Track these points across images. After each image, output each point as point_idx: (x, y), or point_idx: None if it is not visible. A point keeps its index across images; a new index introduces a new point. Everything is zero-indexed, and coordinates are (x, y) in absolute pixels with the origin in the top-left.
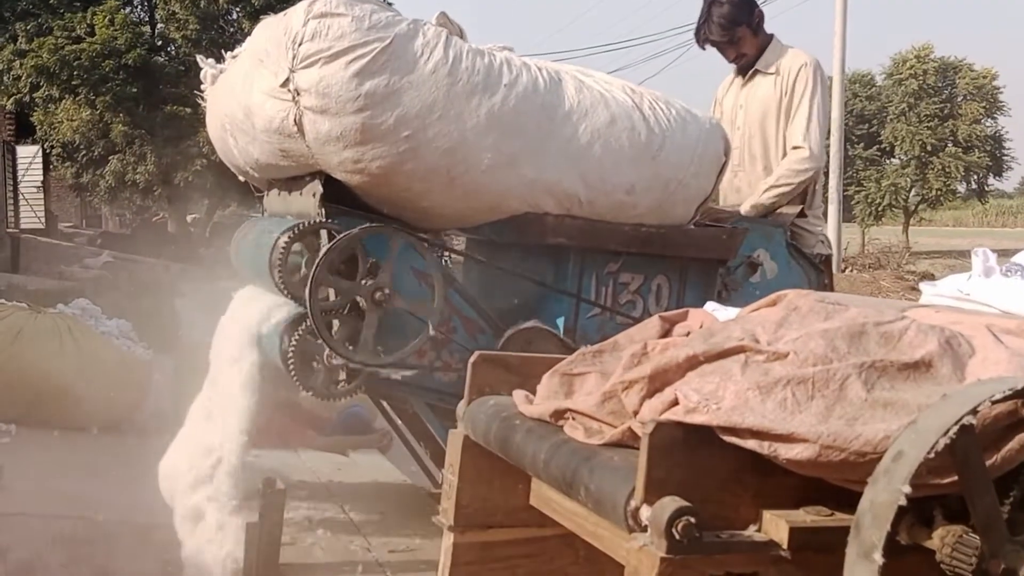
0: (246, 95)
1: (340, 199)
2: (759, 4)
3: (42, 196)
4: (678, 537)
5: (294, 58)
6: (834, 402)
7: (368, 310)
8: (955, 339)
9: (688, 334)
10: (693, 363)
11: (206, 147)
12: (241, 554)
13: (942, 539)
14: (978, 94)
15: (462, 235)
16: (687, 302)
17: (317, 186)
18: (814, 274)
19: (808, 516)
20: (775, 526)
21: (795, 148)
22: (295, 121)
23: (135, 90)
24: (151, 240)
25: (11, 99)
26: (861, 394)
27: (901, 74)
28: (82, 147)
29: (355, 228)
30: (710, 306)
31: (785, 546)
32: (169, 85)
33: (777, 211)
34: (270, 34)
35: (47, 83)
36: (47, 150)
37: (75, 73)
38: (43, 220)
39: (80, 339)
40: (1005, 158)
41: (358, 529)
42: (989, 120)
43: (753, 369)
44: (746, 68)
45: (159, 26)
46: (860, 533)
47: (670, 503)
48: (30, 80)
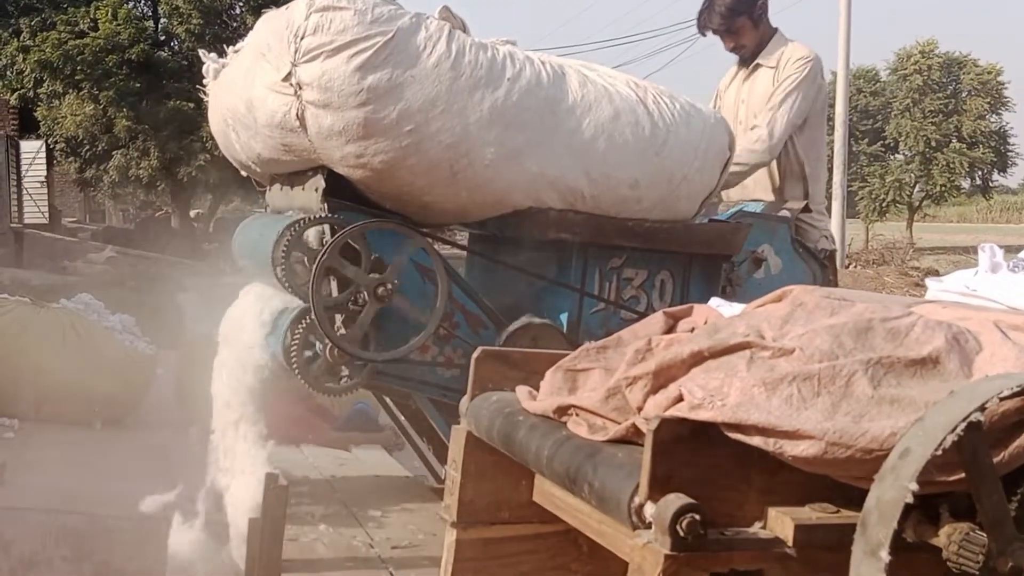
0: (248, 89)
1: (342, 194)
2: None
3: (45, 191)
4: (682, 534)
5: (296, 52)
6: (840, 399)
7: (369, 304)
8: (962, 335)
9: (692, 330)
10: (698, 359)
11: (209, 142)
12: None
13: (949, 537)
14: (983, 90)
15: (465, 230)
16: (691, 297)
17: (319, 181)
18: (819, 270)
19: (813, 513)
20: (780, 523)
21: (754, 128)
22: (297, 115)
23: (138, 85)
24: (154, 235)
25: (15, 94)
26: (867, 391)
27: (906, 70)
28: (85, 142)
29: (358, 223)
30: (715, 302)
31: (790, 543)
32: (172, 80)
33: (782, 206)
34: (272, 28)
35: (50, 78)
36: (51, 145)
37: (78, 68)
38: (46, 215)
39: (83, 334)
40: (1010, 154)
41: (361, 525)
42: (994, 116)
43: (759, 365)
44: (748, 61)
45: (162, 21)
46: (866, 531)
47: (674, 500)
48: (33, 75)
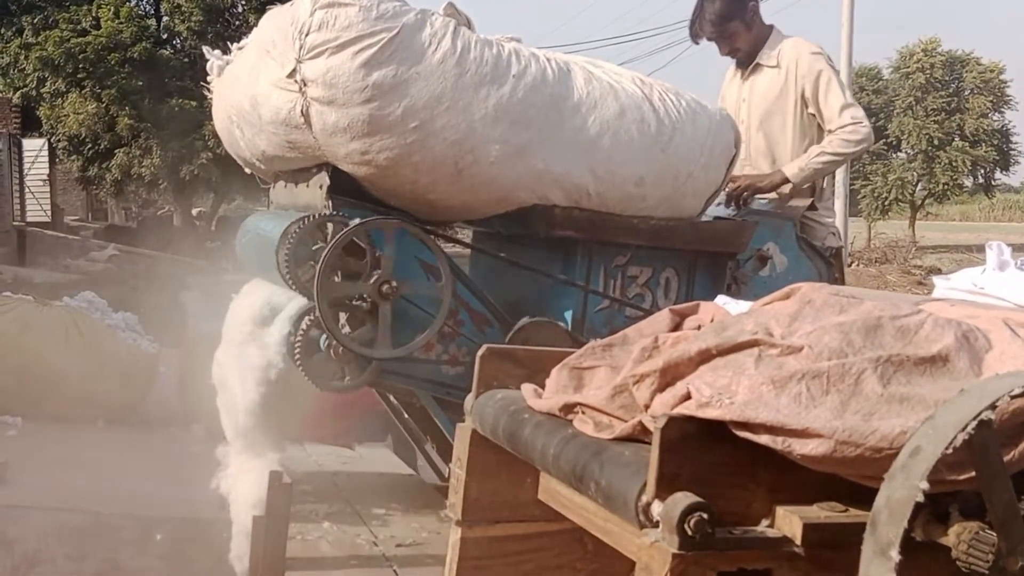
0: (253, 86)
1: (347, 191)
2: None
3: (48, 189)
4: (690, 533)
5: (301, 48)
6: (849, 397)
7: (378, 303)
8: (972, 333)
9: (699, 328)
10: (705, 357)
11: (212, 140)
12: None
13: (958, 536)
14: (985, 88)
15: (470, 227)
16: (696, 295)
17: (324, 178)
18: (824, 267)
19: (822, 512)
20: (789, 522)
21: (843, 126)
22: (302, 112)
23: (140, 83)
24: (157, 233)
25: (17, 92)
26: (877, 389)
27: (908, 68)
28: (88, 140)
29: (362, 220)
30: (721, 299)
31: (799, 542)
32: (174, 78)
33: (788, 203)
34: (277, 24)
35: (53, 76)
36: (53, 143)
37: (80, 66)
38: (49, 213)
39: (86, 332)
40: (1012, 152)
41: (365, 523)
42: (996, 114)
43: (767, 363)
44: (747, 61)
45: (164, 19)
46: (876, 530)
47: (682, 499)
48: (36, 73)
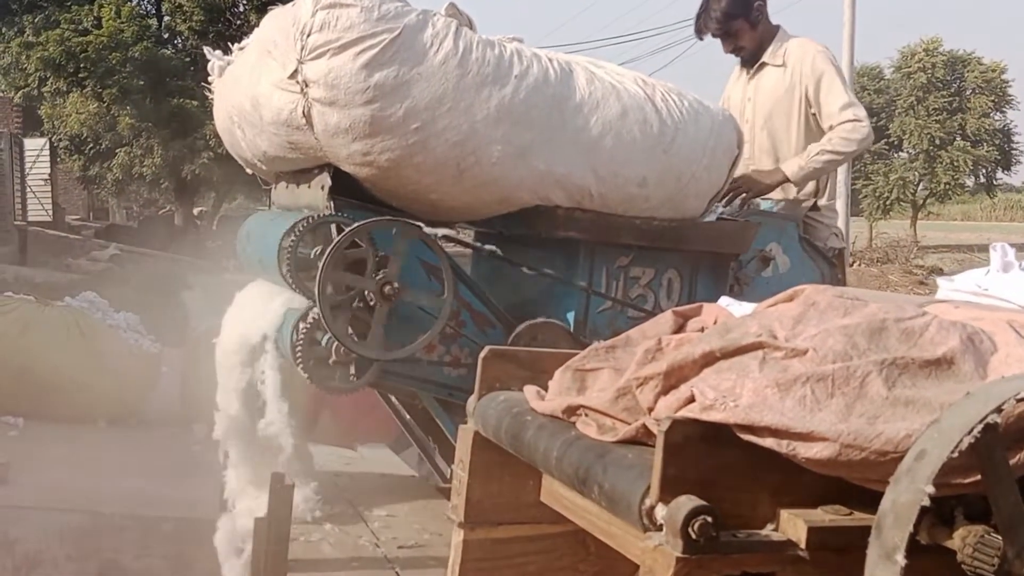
0: (254, 87)
1: (349, 192)
2: None
3: (49, 189)
4: (694, 536)
5: (302, 49)
6: (854, 400)
7: (378, 304)
8: (977, 336)
9: (702, 329)
10: (709, 359)
11: (213, 140)
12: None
13: (963, 539)
14: (987, 88)
15: (471, 228)
16: (698, 296)
17: (325, 179)
18: (827, 268)
19: (827, 515)
20: (793, 525)
21: (842, 123)
22: (303, 113)
23: (142, 83)
24: (158, 233)
25: (18, 92)
26: (882, 392)
27: (910, 67)
28: (89, 140)
29: (364, 221)
30: (724, 301)
31: (803, 546)
32: (176, 78)
33: (792, 201)
34: (278, 25)
35: (54, 76)
36: (54, 143)
37: (82, 66)
38: (50, 213)
39: (87, 332)
40: (1014, 152)
41: (367, 524)
42: (998, 114)
43: (771, 366)
44: (752, 60)
45: (165, 18)
46: (882, 534)
47: (686, 502)
48: (37, 73)
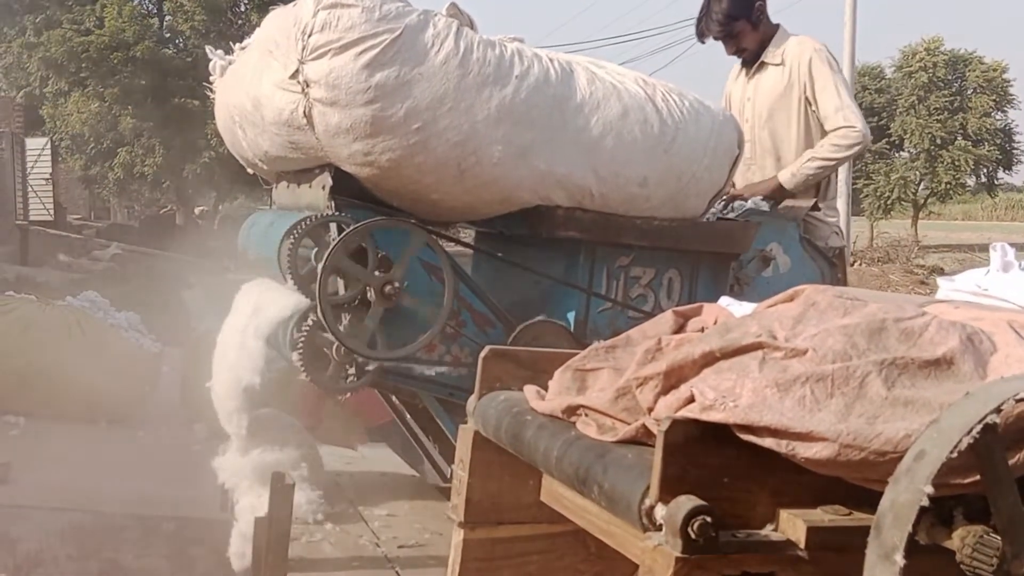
0: (255, 87)
1: (350, 192)
2: None
3: (51, 188)
4: (694, 536)
5: (303, 49)
6: (854, 400)
7: (375, 303)
8: (976, 336)
9: (702, 329)
10: (709, 359)
11: (214, 139)
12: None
13: (962, 539)
14: (988, 87)
15: (472, 228)
16: (699, 296)
17: (326, 179)
18: (828, 268)
19: (826, 515)
20: (792, 525)
21: (837, 128)
22: (304, 113)
23: (143, 82)
24: (159, 232)
25: (20, 92)
26: (881, 392)
27: (911, 67)
28: (91, 139)
29: (365, 221)
30: (724, 301)
31: (802, 546)
32: (177, 78)
33: (790, 203)
34: (279, 25)
35: (56, 76)
36: (56, 142)
37: (84, 65)
38: (52, 212)
39: (89, 331)
40: (1015, 152)
41: (367, 524)
42: (999, 113)
43: (771, 366)
44: (752, 60)
45: (167, 18)
46: (881, 534)
47: (686, 502)
48: (39, 73)
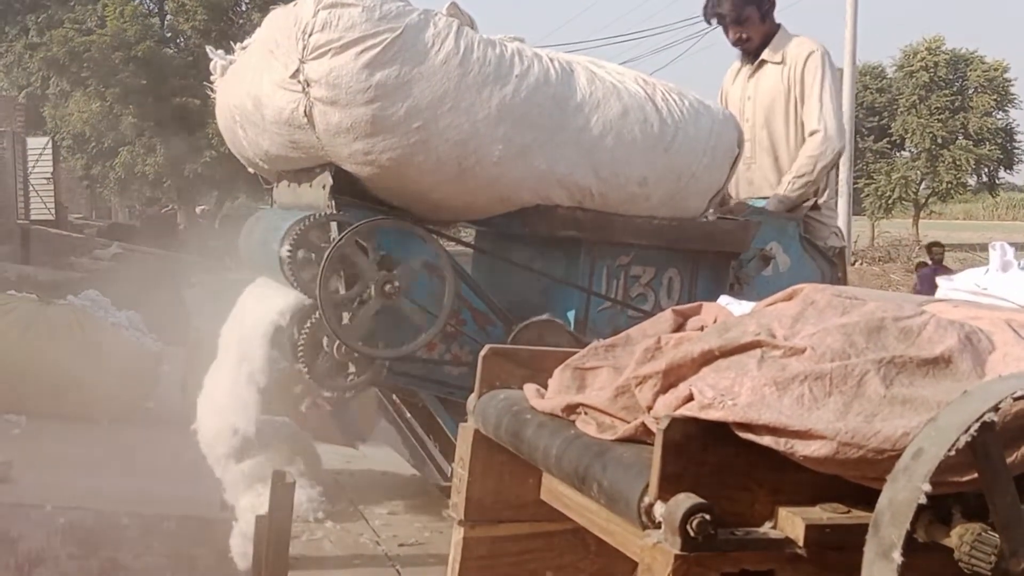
0: (256, 86)
1: (350, 191)
2: None
3: (52, 187)
4: (693, 534)
5: (304, 49)
6: (852, 398)
7: (373, 300)
8: (975, 335)
9: (702, 328)
10: (708, 358)
11: (215, 139)
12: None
13: (960, 537)
14: (989, 87)
15: (472, 227)
16: (698, 295)
17: (327, 178)
18: (827, 267)
19: (824, 513)
20: (791, 523)
21: (811, 133)
22: (305, 112)
23: (144, 82)
24: (160, 232)
25: (22, 91)
26: (880, 390)
27: (912, 66)
28: (92, 139)
29: (365, 220)
30: (724, 300)
31: (801, 544)
32: (178, 77)
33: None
34: (280, 24)
35: (57, 75)
36: (57, 142)
37: (85, 65)
38: (53, 211)
39: (90, 331)
40: (1016, 151)
41: (367, 522)
42: (1000, 113)
43: (770, 364)
44: (753, 56)
45: (168, 18)
46: (879, 531)
47: (685, 500)
48: (40, 72)
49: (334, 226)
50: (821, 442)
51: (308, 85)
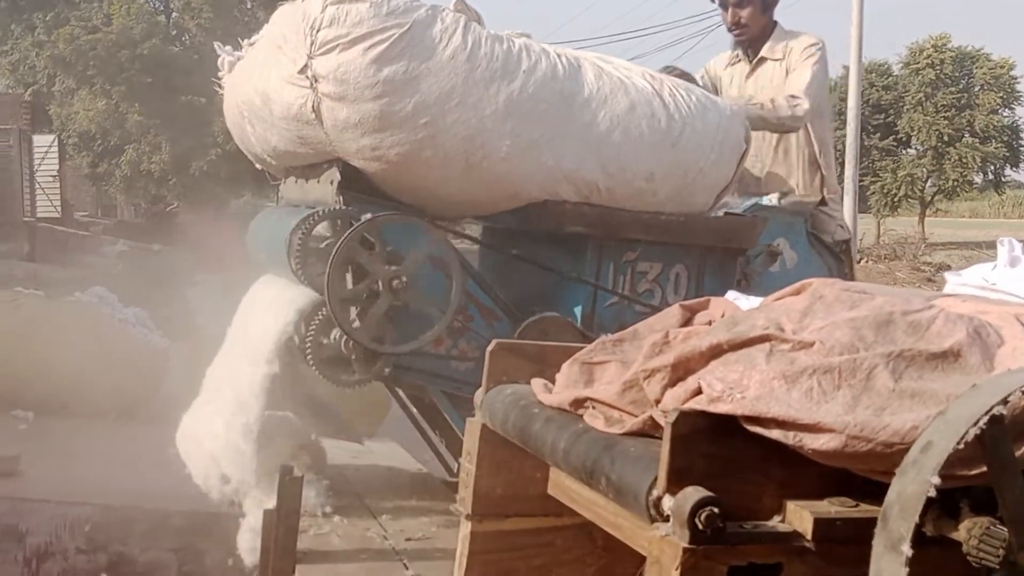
0: (264, 82)
1: (358, 186)
2: None
3: (58, 185)
4: (701, 527)
5: (312, 44)
6: (861, 392)
7: (382, 296)
8: (984, 329)
9: (710, 323)
10: (717, 352)
11: (221, 137)
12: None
13: (969, 531)
14: (995, 84)
15: (479, 222)
16: (705, 291)
17: (335, 173)
18: (834, 263)
19: (833, 507)
20: (799, 517)
21: (792, 96)
22: (313, 108)
23: (150, 80)
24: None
25: (28, 89)
26: (888, 384)
27: (918, 64)
28: (98, 137)
29: (373, 215)
30: (732, 295)
31: (809, 537)
32: (184, 75)
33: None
34: (288, 20)
35: (64, 73)
36: (63, 139)
37: (91, 63)
38: (59, 209)
39: (96, 327)
40: (1022, 149)
41: (374, 516)
42: (1006, 110)
43: (778, 358)
44: (751, 55)
45: (174, 15)
46: (888, 525)
47: (693, 493)
48: (47, 70)
49: (341, 221)
50: (830, 435)
51: (316, 81)
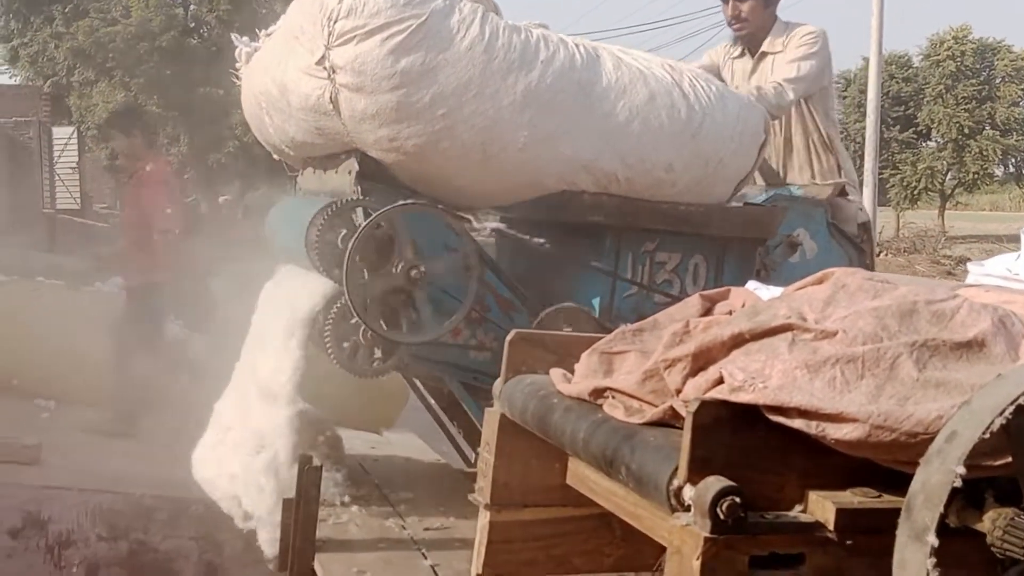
0: (281, 73)
1: (375, 177)
2: None
3: (77, 177)
4: (722, 517)
5: (330, 35)
6: (884, 381)
7: (400, 286)
8: (1008, 318)
9: (730, 313)
10: (738, 341)
11: (238, 129)
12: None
13: (993, 522)
14: (1017, 76)
15: (497, 213)
16: (725, 282)
17: (352, 164)
18: (855, 253)
19: (855, 497)
20: (821, 507)
21: (778, 84)
22: (331, 99)
23: (168, 72)
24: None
25: (47, 81)
26: (912, 373)
27: (939, 56)
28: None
29: (390, 206)
30: (752, 285)
31: (831, 527)
32: (202, 67)
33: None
34: (305, 11)
35: (83, 65)
36: (82, 131)
37: (110, 55)
38: (78, 201)
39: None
40: None
41: (393, 507)
42: None
43: (801, 347)
44: (752, 49)
45: (192, 7)
46: (912, 515)
47: (715, 482)
48: (66, 62)
49: (360, 212)
50: (853, 425)
51: (334, 71)
